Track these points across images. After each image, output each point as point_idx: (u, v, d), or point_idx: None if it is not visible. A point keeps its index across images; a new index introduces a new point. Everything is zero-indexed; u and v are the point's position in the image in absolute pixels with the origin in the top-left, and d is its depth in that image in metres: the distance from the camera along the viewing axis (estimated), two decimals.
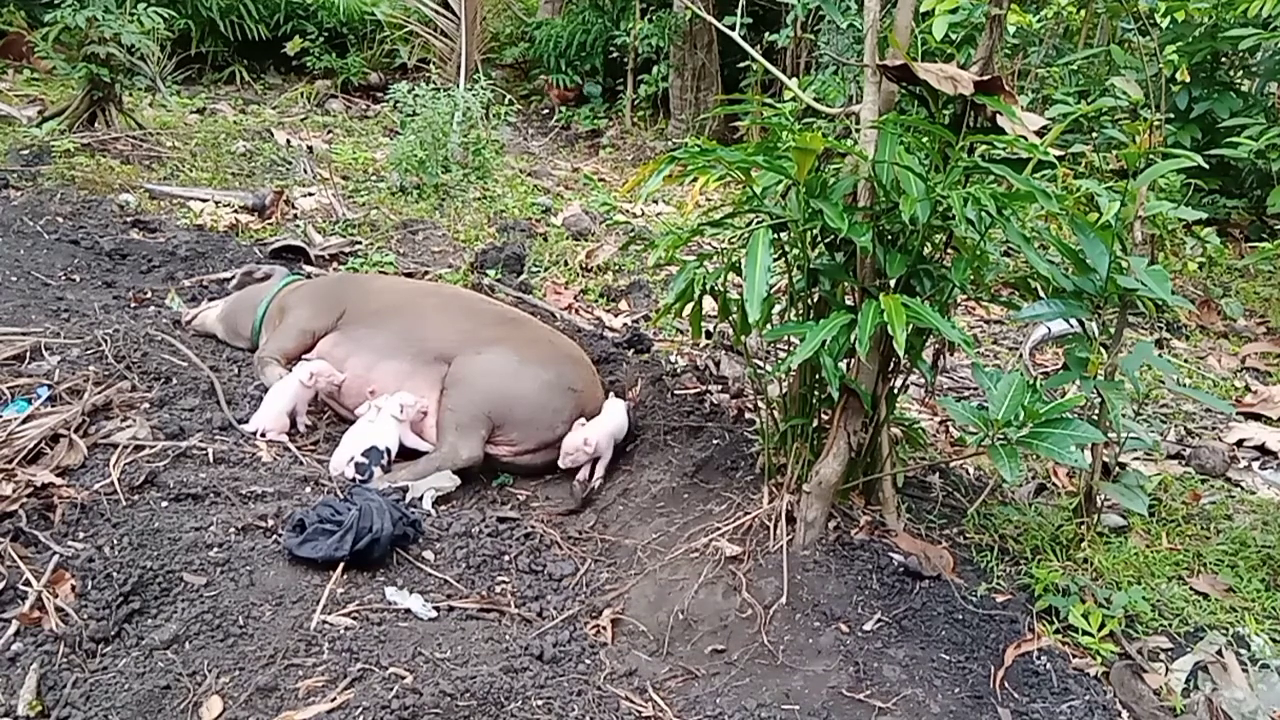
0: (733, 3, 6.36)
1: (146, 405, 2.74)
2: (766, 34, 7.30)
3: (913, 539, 2.25)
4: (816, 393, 2.36)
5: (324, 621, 1.93)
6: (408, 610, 2.05)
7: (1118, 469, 2.28)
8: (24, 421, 2.47)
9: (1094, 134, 4.72)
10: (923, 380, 2.92)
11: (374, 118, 7.98)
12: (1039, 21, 5.18)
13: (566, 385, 2.88)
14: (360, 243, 4.59)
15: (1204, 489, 2.81)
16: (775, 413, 2.48)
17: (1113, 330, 2.21)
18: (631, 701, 1.86)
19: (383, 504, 2.28)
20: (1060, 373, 2.20)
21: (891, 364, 2.27)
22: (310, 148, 6.32)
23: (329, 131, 7.29)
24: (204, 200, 4.92)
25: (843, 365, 2.14)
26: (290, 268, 3.83)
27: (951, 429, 3.07)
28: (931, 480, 2.61)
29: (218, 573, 2.04)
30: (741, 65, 7.88)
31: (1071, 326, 2.27)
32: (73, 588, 1.96)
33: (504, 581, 2.31)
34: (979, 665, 1.90)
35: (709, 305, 2.56)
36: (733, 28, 2.81)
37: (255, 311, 3.33)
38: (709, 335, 3.66)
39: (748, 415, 2.96)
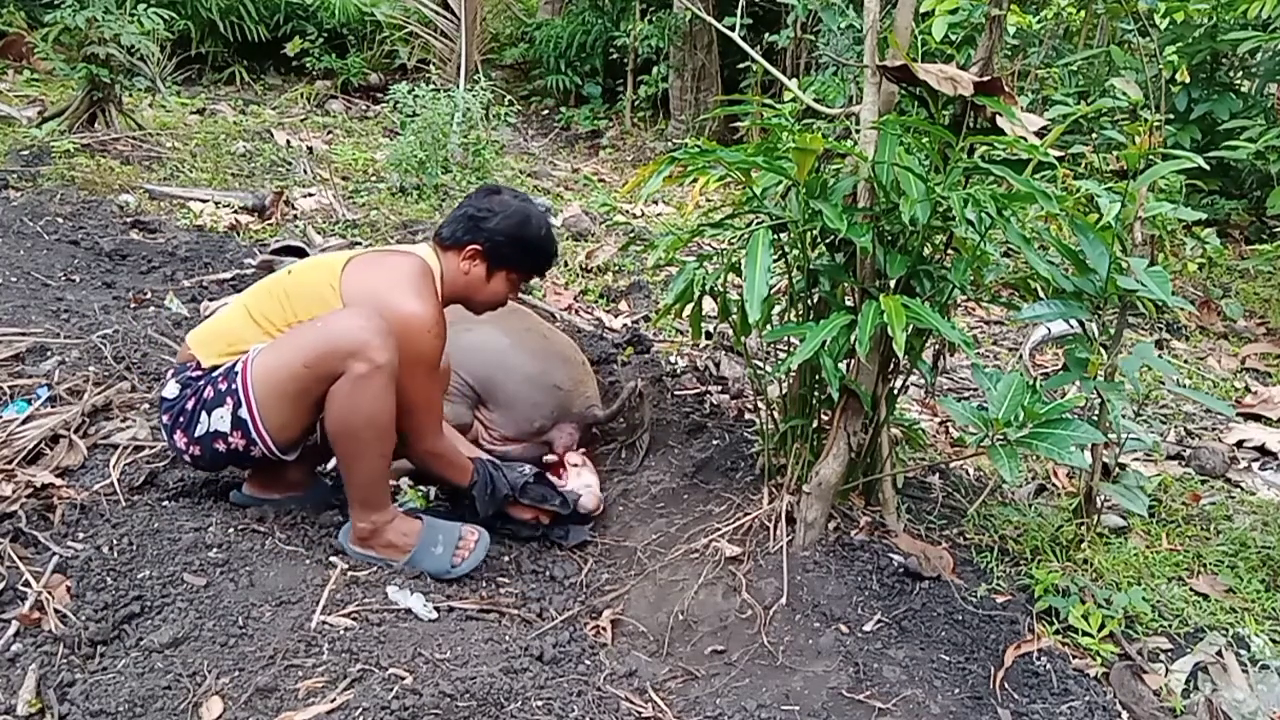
0: (733, 3, 6.35)
1: (146, 406, 2.74)
2: (766, 35, 7.31)
3: (913, 539, 2.25)
4: (816, 393, 2.36)
5: (324, 622, 1.92)
6: (408, 610, 2.05)
7: (1117, 469, 2.28)
8: (24, 422, 2.48)
9: (1094, 135, 4.73)
10: (923, 381, 2.92)
11: (374, 118, 7.98)
12: (1039, 22, 5.18)
13: (551, 383, 2.87)
14: (360, 243, 4.59)
15: (1204, 490, 2.81)
16: (775, 413, 2.47)
17: (1113, 331, 2.21)
18: (631, 702, 1.86)
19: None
20: (1060, 373, 2.20)
21: (891, 364, 2.27)
22: (310, 148, 6.33)
23: (329, 132, 7.29)
24: (204, 201, 4.93)
25: (843, 366, 2.14)
26: None
27: (951, 429, 3.07)
28: (931, 481, 2.61)
29: (217, 573, 2.04)
30: (741, 66, 7.88)
31: (1071, 327, 2.27)
32: (68, 589, 1.96)
33: (504, 582, 2.31)
34: (979, 666, 1.90)
35: (709, 306, 2.56)
36: (733, 28, 2.81)
37: None
38: (709, 336, 3.66)
39: (748, 416, 2.96)
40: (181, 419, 2.14)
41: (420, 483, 2.63)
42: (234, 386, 2.09)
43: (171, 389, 2.18)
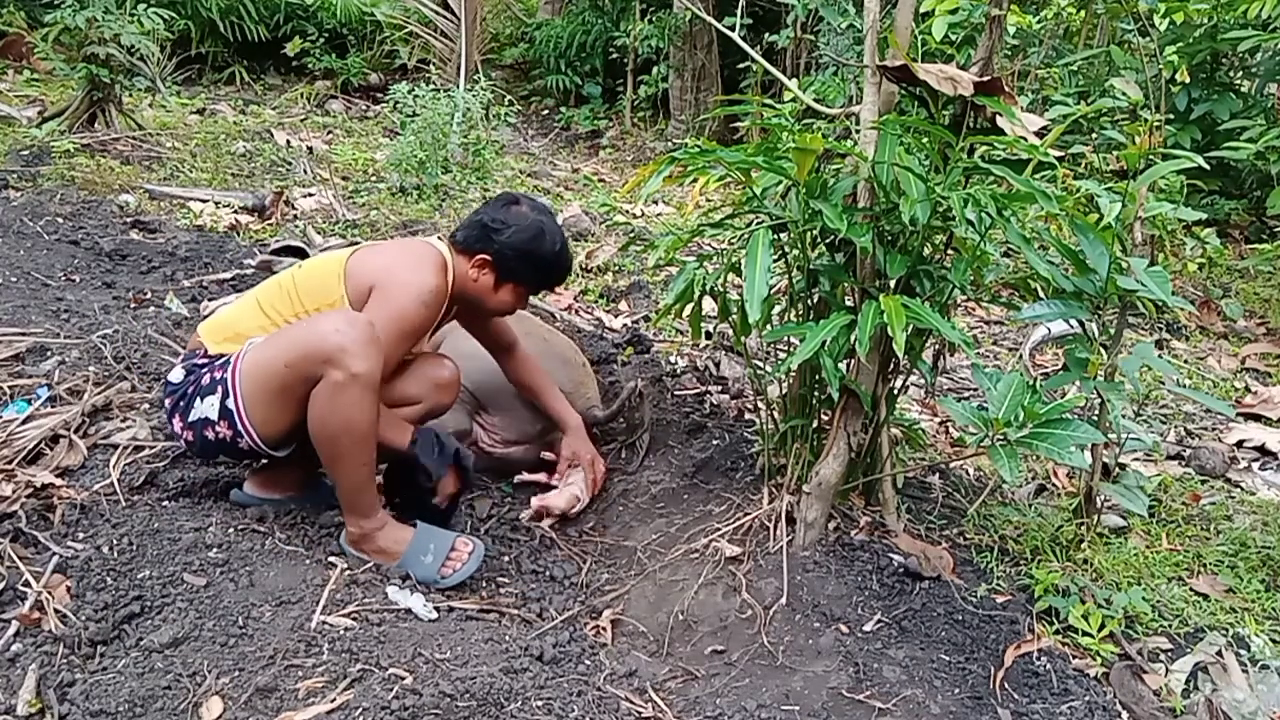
0: (733, 3, 6.36)
1: (146, 406, 2.74)
2: (766, 35, 7.31)
3: (913, 539, 2.25)
4: (816, 393, 2.36)
5: (324, 622, 1.92)
6: (408, 610, 2.05)
7: (1117, 469, 2.28)
8: (24, 422, 2.48)
9: (1094, 135, 4.72)
10: (923, 381, 2.92)
11: (374, 118, 7.98)
12: (1039, 22, 5.18)
13: None
14: (360, 243, 4.60)
15: (1204, 490, 2.81)
16: (775, 413, 2.47)
17: (1113, 331, 2.21)
18: (631, 702, 1.86)
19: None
20: (1060, 373, 2.20)
21: (891, 364, 2.27)
22: (310, 148, 6.33)
23: (329, 132, 7.29)
24: (204, 201, 4.93)
25: (843, 366, 2.14)
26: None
27: (952, 429, 3.07)
28: (931, 481, 2.61)
29: (217, 573, 2.04)
30: (741, 66, 7.88)
31: (1071, 327, 2.27)
32: (68, 589, 1.96)
33: (504, 582, 2.31)
34: (979, 666, 1.90)
35: (709, 306, 2.56)
36: (733, 28, 2.81)
37: None
38: (709, 336, 3.66)
39: (748, 416, 2.96)
40: (181, 403, 2.16)
41: None
42: (225, 376, 2.11)
43: (177, 374, 2.20)
